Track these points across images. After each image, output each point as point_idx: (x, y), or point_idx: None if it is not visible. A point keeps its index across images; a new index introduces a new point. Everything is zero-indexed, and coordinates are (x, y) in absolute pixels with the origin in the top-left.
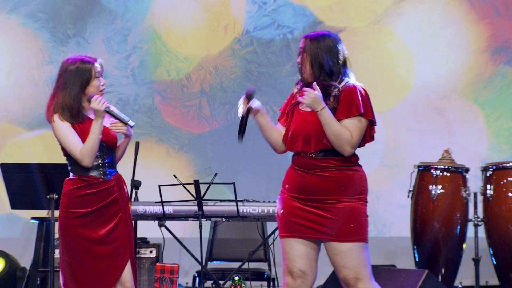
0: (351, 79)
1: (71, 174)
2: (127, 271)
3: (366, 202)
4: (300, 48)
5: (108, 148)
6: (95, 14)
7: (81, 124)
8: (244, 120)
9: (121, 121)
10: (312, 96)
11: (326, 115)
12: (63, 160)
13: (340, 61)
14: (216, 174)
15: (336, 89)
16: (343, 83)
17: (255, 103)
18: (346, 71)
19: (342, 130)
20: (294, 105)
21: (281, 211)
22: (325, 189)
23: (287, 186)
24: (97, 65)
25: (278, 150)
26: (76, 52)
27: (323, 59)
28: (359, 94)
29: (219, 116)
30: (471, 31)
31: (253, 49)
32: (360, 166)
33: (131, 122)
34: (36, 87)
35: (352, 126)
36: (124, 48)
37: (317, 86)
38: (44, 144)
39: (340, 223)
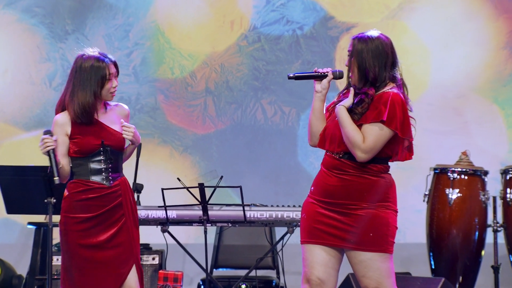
0: (396, 85)
1: (73, 177)
2: (132, 278)
3: (394, 211)
4: (348, 51)
5: (113, 152)
6: (95, 9)
7: (87, 126)
8: (313, 74)
9: (51, 170)
10: None
11: (341, 115)
12: None
13: (387, 66)
14: (222, 177)
15: (369, 95)
16: (384, 89)
17: (325, 84)
18: (393, 76)
19: (354, 133)
20: (336, 104)
21: (303, 215)
22: (345, 193)
23: (312, 188)
24: (112, 65)
25: (312, 141)
26: (75, 49)
27: (369, 64)
28: (390, 102)
29: (225, 116)
30: (490, 27)
31: (260, 46)
32: (388, 174)
33: (56, 180)
34: (33, 85)
35: (368, 132)
36: (126, 44)
37: (351, 91)
38: None
39: (360, 230)
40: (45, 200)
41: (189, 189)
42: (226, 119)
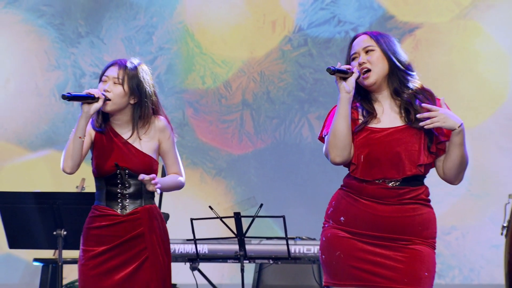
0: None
1: (95, 201)
2: None
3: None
4: (368, 46)
5: (133, 176)
6: (112, 7)
7: (108, 143)
8: (343, 71)
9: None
10: (443, 115)
11: (463, 135)
12: (72, 188)
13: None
14: (261, 205)
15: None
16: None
17: (353, 82)
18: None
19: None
20: (366, 118)
21: (337, 252)
22: (401, 226)
23: (342, 219)
24: (112, 68)
25: (341, 157)
26: (89, 54)
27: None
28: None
29: (265, 133)
30: None
31: (307, 50)
32: None
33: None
34: (40, 97)
35: None
36: (149, 49)
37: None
38: (50, 168)
39: (414, 268)
40: (54, 233)
41: (223, 219)
42: (266, 137)
